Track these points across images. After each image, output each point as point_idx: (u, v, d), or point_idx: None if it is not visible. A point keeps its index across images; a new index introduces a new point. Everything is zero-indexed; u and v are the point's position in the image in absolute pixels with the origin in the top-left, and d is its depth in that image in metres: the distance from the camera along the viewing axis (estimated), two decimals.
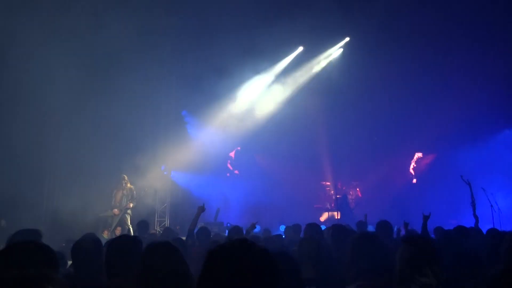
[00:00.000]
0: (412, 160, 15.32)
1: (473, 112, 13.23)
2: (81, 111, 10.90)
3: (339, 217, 13.20)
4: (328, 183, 15.54)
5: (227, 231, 7.93)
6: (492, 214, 10.32)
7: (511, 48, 12.43)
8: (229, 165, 15.00)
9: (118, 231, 9.93)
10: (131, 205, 10.37)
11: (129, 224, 10.12)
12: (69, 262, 3.37)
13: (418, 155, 15.40)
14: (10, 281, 1.08)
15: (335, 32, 13.78)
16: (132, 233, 8.89)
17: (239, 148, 15.09)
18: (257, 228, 11.66)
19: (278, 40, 12.95)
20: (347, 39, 14.57)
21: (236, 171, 14.87)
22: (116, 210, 10.14)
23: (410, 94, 14.11)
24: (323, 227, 7.44)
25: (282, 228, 11.52)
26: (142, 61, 11.75)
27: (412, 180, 14.97)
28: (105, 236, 9.39)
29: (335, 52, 14.87)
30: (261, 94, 14.67)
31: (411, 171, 15.45)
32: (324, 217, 14.64)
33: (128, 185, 10.55)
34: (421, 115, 14.04)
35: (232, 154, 15.03)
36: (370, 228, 7.86)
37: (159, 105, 13.11)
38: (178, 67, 13.43)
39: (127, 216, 10.29)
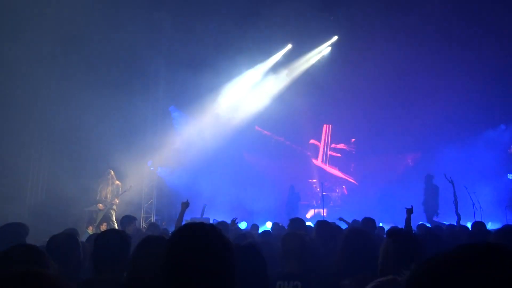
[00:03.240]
0: (399, 158, 15.51)
1: (457, 112, 13.46)
2: (67, 105, 10.76)
3: (325, 214, 13.31)
4: (315, 181, 15.65)
5: None
6: (473, 212, 10.54)
7: (494, 50, 12.66)
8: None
9: (103, 227, 9.82)
10: (117, 201, 10.27)
11: (114, 220, 10.03)
12: None
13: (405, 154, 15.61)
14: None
15: (324, 31, 13.85)
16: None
17: None
18: (246, 225, 11.72)
19: (267, 37, 12.98)
20: (336, 37, 14.67)
21: None
22: (100, 205, 10.04)
23: (395, 93, 14.28)
24: (310, 224, 7.50)
25: (268, 225, 11.57)
26: (130, 56, 11.67)
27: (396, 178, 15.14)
28: (90, 231, 9.28)
29: (323, 50, 14.95)
30: (249, 91, 14.67)
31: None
32: (310, 213, 14.75)
33: (116, 181, 10.45)
34: (406, 114, 14.21)
35: None
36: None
37: (147, 101, 13.01)
38: (166, 62, 13.35)
39: (112, 212, 10.20)
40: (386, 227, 8.59)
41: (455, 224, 8.24)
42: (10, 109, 9.68)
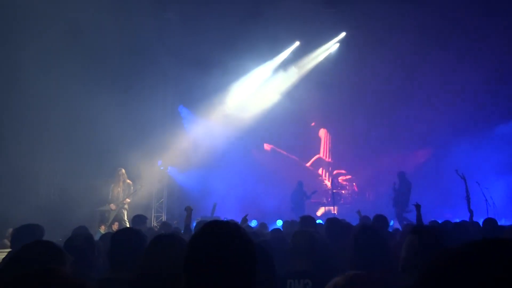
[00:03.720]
0: (410, 155, 15.38)
1: (469, 107, 13.28)
2: (77, 105, 10.88)
3: (335, 212, 13.26)
4: (325, 178, 15.60)
5: None
6: (486, 208, 10.41)
7: (508, 44, 12.47)
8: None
9: (115, 227, 9.93)
10: (128, 200, 10.36)
11: (125, 219, 10.11)
12: None
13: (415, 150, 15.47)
14: (20, 278, 1.12)
15: (332, 27, 13.77)
16: None
17: None
18: (255, 223, 11.74)
19: (274, 34, 12.95)
20: (344, 33, 14.59)
21: None
22: (113, 205, 10.13)
23: (406, 89, 14.14)
24: (319, 221, 7.48)
25: (279, 223, 11.57)
26: (139, 56, 11.77)
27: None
28: (102, 230, 9.39)
29: (332, 46, 14.88)
30: (258, 89, 14.67)
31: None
32: (320, 211, 14.70)
33: (127, 180, 10.53)
34: (417, 110, 14.06)
35: None
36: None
37: (156, 100, 13.09)
38: (174, 62, 13.42)
39: (124, 211, 10.29)
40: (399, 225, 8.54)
41: (467, 220, 8.15)
42: (21, 110, 9.83)
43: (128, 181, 10.55)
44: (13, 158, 9.50)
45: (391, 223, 10.28)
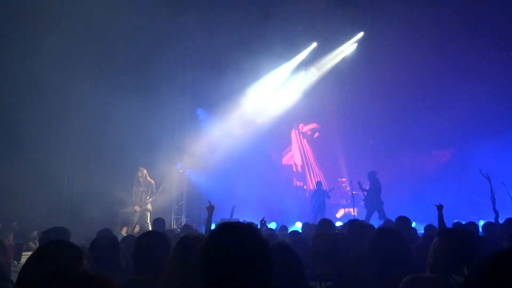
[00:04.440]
0: (432, 156, 15.07)
1: (490, 106, 12.96)
2: (98, 109, 11.08)
3: (355, 214, 13.10)
4: (344, 179, 15.43)
5: None
6: None
7: None
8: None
9: (137, 229, 10.03)
10: (150, 200, 10.39)
11: (148, 221, 10.16)
12: None
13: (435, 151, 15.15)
14: (46, 275, 1.16)
15: (349, 27, 13.63)
16: None
17: None
18: (274, 225, 11.71)
19: (291, 36, 12.92)
20: (362, 33, 14.43)
21: None
22: (137, 207, 10.20)
23: (426, 89, 13.89)
24: (340, 224, 7.39)
25: (298, 225, 11.51)
26: (157, 60, 11.92)
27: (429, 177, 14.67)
28: (124, 233, 9.52)
29: (349, 47, 14.74)
30: (276, 91, 14.64)
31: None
32: (340, 213, 14.55)
33: (148, 178, 10.60)
34: (438, 110, 13.78)
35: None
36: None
37: (175, 103, 13.23)
38: (192, 65, 13.54)
39: (147, 213, 10.33)
40: (420, 227, 8.38)
41: (493, 221, 7.92)
42: (42, 116, 10.03)
43: (150, 180, 10.63)
44: (38, 165, 9.71)
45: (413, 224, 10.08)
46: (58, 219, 9.67)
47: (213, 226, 6.51)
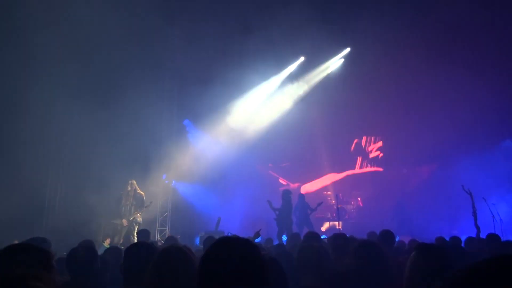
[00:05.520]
0: (415, 170, 15.28)
1: (474, 123, 13.27)
2: (82, 122, 10.99)
3: (340, 227, 13.15)
4: (330, 193, 15.53)
5: None
6: (493, 224, 10.29)
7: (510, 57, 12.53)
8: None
9: (121, 241, 9.88)
10: (138, 215, 10.27)
11: (134, 234, 9.98)
12: None
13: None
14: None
15: (336, 42, 13.88)
16: None
17: None
18: (259, 239, 11.65)
19: (279, 50, 13.07)
20: (348, 49, 14.72)
21: None
22: (124, 221, 10.06)
23: (410, 105, 14.17)
24: (324, 237, 7.42)
25: (284, 238, 11.48)
26: (144, 72, 11.91)
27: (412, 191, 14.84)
28: (106, 244, 9.36)
29: (336, 62, 14.99)
30: (263, 104, 14.75)
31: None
32: (325, 226, 14.59)
33: (138, 190, 10.49)
34: (422, 125, 14.05)
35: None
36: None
37: (161, 115, 13.19)
38: (179, 76, 13.56)
39: (135, 225, 10.17)
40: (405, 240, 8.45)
41: (474, 236, 8.06)
42: (25, 127, 9.87)
43: (140, 192, 10.53)
44: (14, 171, 9.52)
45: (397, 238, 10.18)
46: (39, 230, 9.50)
47: (197, 239, 6.46)
